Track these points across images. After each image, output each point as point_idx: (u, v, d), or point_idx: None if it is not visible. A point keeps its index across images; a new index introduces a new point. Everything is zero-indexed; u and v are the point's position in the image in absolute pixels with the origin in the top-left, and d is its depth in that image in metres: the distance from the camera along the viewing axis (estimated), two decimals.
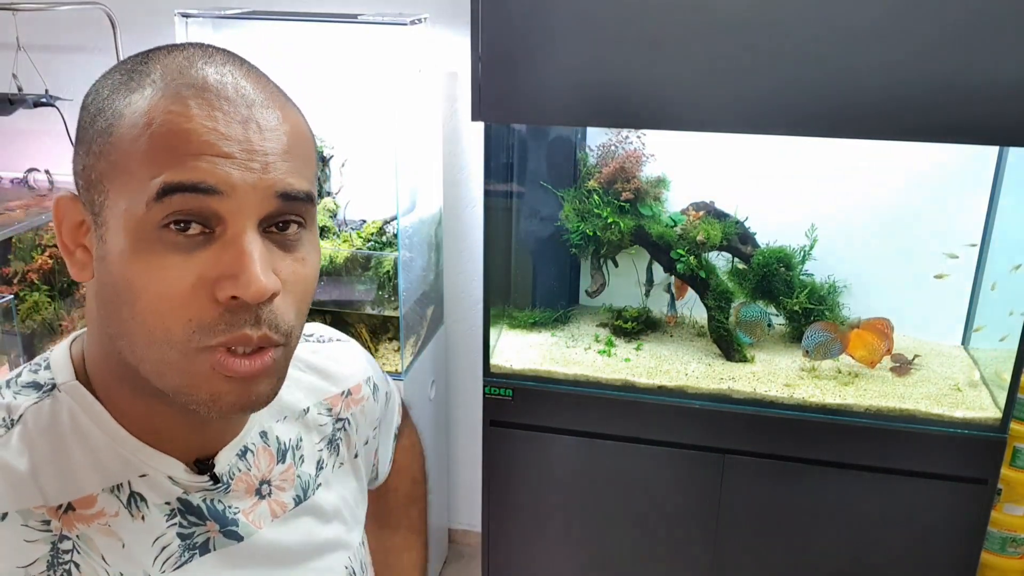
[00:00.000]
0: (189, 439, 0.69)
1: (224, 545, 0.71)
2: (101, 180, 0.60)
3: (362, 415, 0.88)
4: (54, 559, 0.62)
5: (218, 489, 0.71)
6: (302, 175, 0.63)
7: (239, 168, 0.59)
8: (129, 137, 0.59)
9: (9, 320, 1.91)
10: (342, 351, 0.89)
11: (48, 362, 0.69)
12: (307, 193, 0.63)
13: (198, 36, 2.14)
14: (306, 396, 0.82)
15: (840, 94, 1.66)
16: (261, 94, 0.63)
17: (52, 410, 0.66)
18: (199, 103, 0.59)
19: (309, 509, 0.79)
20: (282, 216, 0.62)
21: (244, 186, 0.59)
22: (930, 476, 1.88)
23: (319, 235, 2.36)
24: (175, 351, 0.60)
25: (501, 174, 2.13)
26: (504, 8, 1.73)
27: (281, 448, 0.78)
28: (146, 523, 0.67)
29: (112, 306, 0.61)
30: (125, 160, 0.59)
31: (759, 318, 2.07)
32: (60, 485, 0.64)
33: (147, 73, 0.61)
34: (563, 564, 2.16)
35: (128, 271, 0.59)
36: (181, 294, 0.58)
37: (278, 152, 0.61)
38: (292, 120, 0.64)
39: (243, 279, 0.58)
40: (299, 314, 0.64)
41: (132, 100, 0.60)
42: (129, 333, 0.61)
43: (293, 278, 0.63)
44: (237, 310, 0.59)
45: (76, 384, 0.67)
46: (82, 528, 0.64)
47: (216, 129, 0.58)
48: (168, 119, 0.58)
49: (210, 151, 0.58)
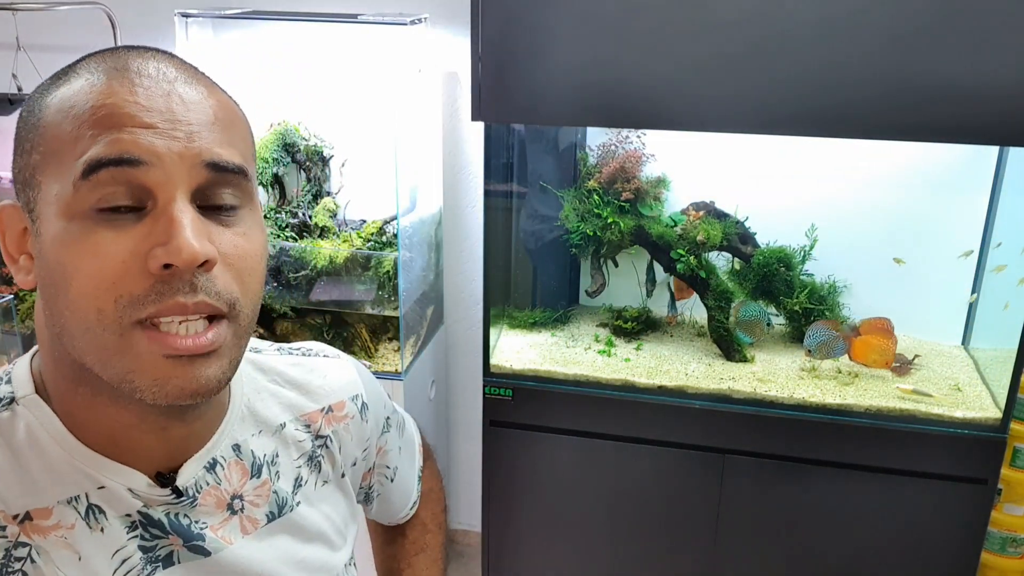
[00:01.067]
0: (152, 450, 0.67)
1: (189, 559, 0.69)
2: (34, 174, 0.61)
3: (347, 433, 0.84)
4: (3, 567, 0.61)
5: (182, 503, 0.69)
6: (233, 147, 0.62)
7: (163, 137, 0.58)
8: (55, 123, 0.59)
9: (9, 320, 1.91)
10: (327, 366, 0.86)
11: (9, 376, 0.68)
12: (238, 166, 0.62)
13: (198, 36, 2.14)
14: (283, 411, 0.79)
15: (840, 94, 1.66)
16: (183, 74, 0.63)
17: (10, 423, 0.65)
18: (120, 81, 0.59)
19: (286, 526, 0.77)
20: (214, 188, 0.61)
21: (170, 155, 0.58)
22: (930, 476, 1.88)
23: (321, 235, 2.35)
24: (109, 332, 0.58)
25: (501, 174, 2.13)
26: (504, 8, 1.73)
27: (256, 462, 0.75)
28: (106, 535, 0.65)
29: (50, 298, 0.61)
30: (53, 146, 0.59)
31: (758, 317, 2.07)
32: (18, 495, 0.63)
33: (73, 70, 0.62)
34: (563, 564, 2.16)
35: (60, 254, 0.58)
36: (113, 271, 0.57)
37: (203, 123, 0.60)
38: (218, 97, 0.64)
39: (174, 245, 0.57)
40: (246, 291, 0.63)
41: (58, 92, 0.61)
42: (67, 325, 0.60)
43: (235, 252, 0.62)
44: (170, 279, 0.58)
45: (35, 398, 0.66)
46: (38, 540, 0.63)
47: (137, 102, 0.58)
48: (90, 98, 0.59)
49: (131, 123, 0.58)
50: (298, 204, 2.25)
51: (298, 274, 2.17)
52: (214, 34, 2.18)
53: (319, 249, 2.17)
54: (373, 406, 0.89)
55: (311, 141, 2.25)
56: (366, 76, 2.13)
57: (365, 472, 0.91)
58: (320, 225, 2.22)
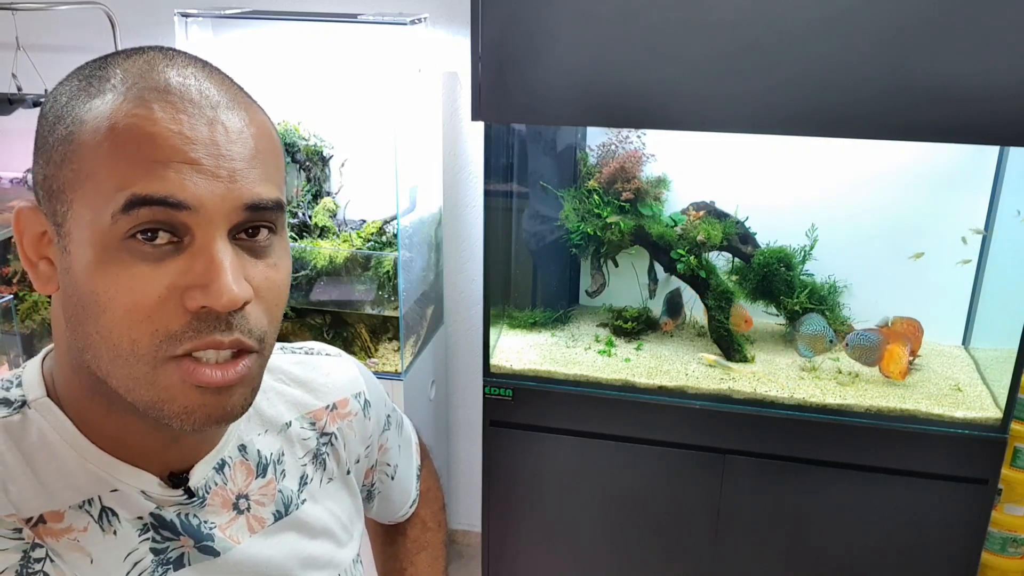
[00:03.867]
0: (164, 453, 0.67)
1: (199, 560, 0.69)
2: (63, 190, 0.59)
3: (350, 430, 0.85)
4: (23, 568, 0.61)
5: (193, 503, 0.69)
6: (271, 181, 0.61)
7: (206, 177, 0.57)
8: (91, 143, 0.57)
9: (9, 320, 1.91)
10: (330, 364, 0.87)
11: (20, 379, 0.68)
12: (276, 201, 0.61)
13: (198, 36, 2.14)
14: (288, 410, 0.80)
15: (840, 94, 1.66)
16: (226, 96, 0.61)
17: (21, 426, 0.65)
18: (163, 106, 0.57)
19: (292, 524, 0.77)
20: (251, 224, 0.61)
21: (212, 198, 0.57)
22: (930, 476, 1.88)
23: (321, 235, 2.34)
24: (143, 364, 0.58)
25: (501, 174, 2.13)
26: (504, 8, 1.73)
27: (261, 462, 0.76)
28: (118, 538, 0.65)
29: (77, 320, 0.60)
30: (88, 168, 0.57)
31: (822, 332, 2.00)
32: (30, 498, 0.63)
33: (107, 78, 0.59)
34: (563, 564, 2.16)
35: (94, 283, 0.57)
36: (149, 305, 0.57)
37: (245, 158, 0.59)
38: (258, 122, 0.63)
39: (214, 288, 0.57)
40: (272, 320, 0.63)
41: (93, 105, 0.58)
42: (94, 347, 0.59)
43: (266, 284, 0.62)
44: (207, 317, 0.58)
45: (47, 401, 0.66)
46: (51, 543, 0.63)
47: (182, 132, 0.57)
48: (132, 123, 0.56)
49: (176, 157, 0.56)
50: (298, 204, 2.25)
51: (298, 274, 2.17)
52: (214, 34, 2.18)
53: (319, 249, 2.17)
54: (375, 404, 0.90)
55: (311, 141, 2.25)
56: (366, 76, 2.13)
57: (367, 469, 0.92)
58: (320, 225, 2.22)
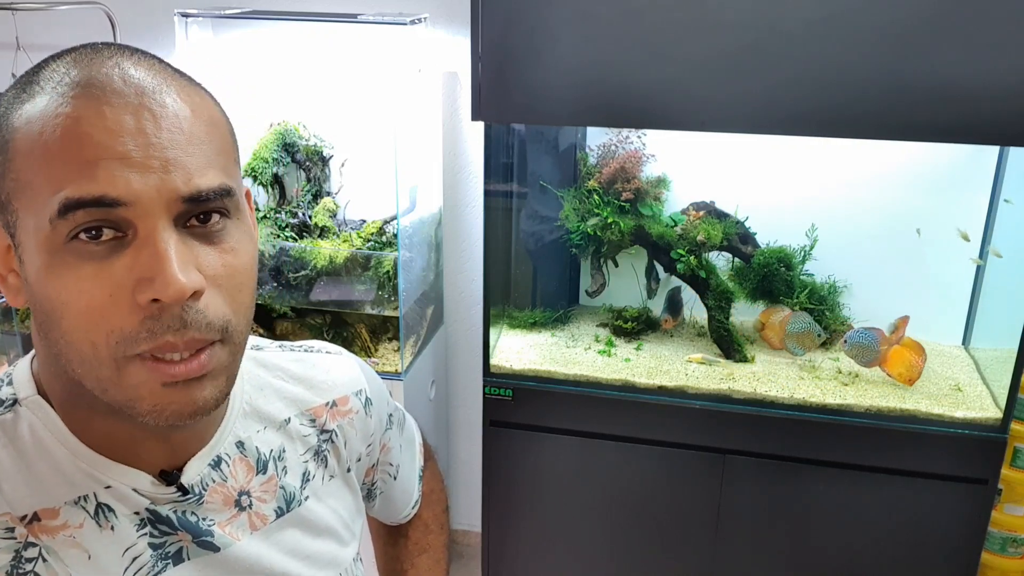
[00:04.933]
0: (154, 451, 0.67)
1: (199, 555, 0.69)
2: (10, 200, 0.58)
3: (351, 428, 0.85)
4: (14, 568, 0.61)
5: (188, 500, 0.69)
6: (212, 166, 0.59)
7: (137, 170, 0.55)
8: (24, 150, 0.56)
9: (9, 320, 1.91)
10: (330, 362, 0.86)
11: (11, 378, 0.68)
12: (219, 189, 0.59)
13: (198, 36, 2.14)
14: (286, 406, 0.80)
15: (840, 94, 1.66)
16: (153, 80, 0.58)
17: (13, 424, 0.65)
18: (86, 101, 0.56)
19: (295, 521, 0.77)
20: (196, 212, 0.59)
21: (147, 191, 0.55)
22: (930, 476, 1.88)
23: (321, 235, 2.33)
24: (105, 367, 0.58)
25: (501, 174, 2.13)
26: (504, 8, 1.73)
27: (261, 458, 0.75)
28: (115, 533, 0.65)
29: (45, 328, 0.60)
30: (25, 176, 0.56)
31: (808, 328, 2.01)
32: (24, 496, 0.63)
33: (36, 81, 0.58)
34: (563, 564, 2.16)
35: (47, 290, 0.57)
36: (101, 305, 0.56)
37: (180, 144, 0.57)
38: (193, 104, 0.60)
39: (160, 280, 0.55)
40: (238, 307, 0.61)
41: (24, 111, 0.57)
42: (64, 353, 0.59)
43: (224, 271, 0.60)
44: (159, 315, 0.57)
45: (38, 399, 0.65)
46: (47, 540, 0.63)
47: (106, 126, 0.55)
48: (57, 123, 0.55)
49: (104, 153, 0.55)
50: (298, 204, 2.24)
51: (298, 274, 2.17)
52: (214, 34, 2.18)
53: (319, 249, 2.17)
54: (377, 402, 0.89)
55: (311, 141, 2.25)
56: (366, 76, 2.13)
57: (368, 468, 0.91)
58: (320, 225, 2.21)
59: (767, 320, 2.10)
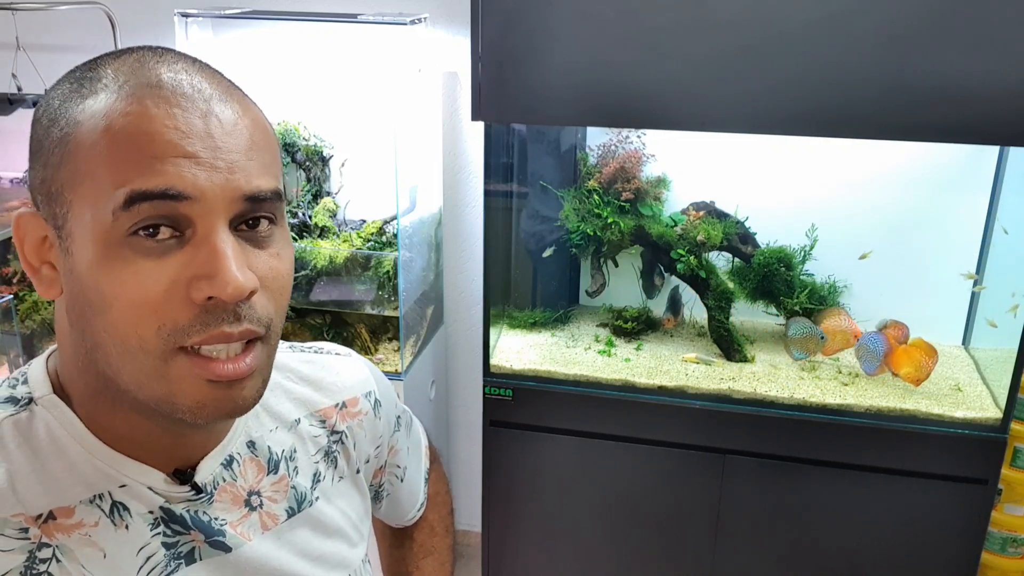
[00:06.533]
0: (169, 449, 0.68)
1: (211, 555, 0.69)
2: (62, 191, 0.59)
3: (360, 430, 0.85)
4: (28, 569, 0.61)
5: (201, 499, 0.69)
6: (268, 172, 0.62)
7: (205, 169, 0.57)
8: (88, 143, 0.57)
9: (9, 320, 1.91)
10: (340, 363, 0.87)
11: (26, 377, 0.68)
12: (274, 191, 0.62)
13: (198, 36, 2.14)
14: (295, 407, 0.80)
15: (840, 94, 1.66)
16: (217, 89, 0.61)
17: (29, 423, 0.65)
18: (156, 101, 0.58)
19: (306, 521, 0.77)
20: (251, 215, 0.61)
21: (212, 188, 0.57)
22: (930, 476, 1.88)
23: (321, 235, 2.34)
24: (151, 358, 0.58)
25: (501, 174, 2.13)
26: (504, 8, 1.73)
27: (272, 458, 0.76)
28: (130, 532, 0.65)
29: (84, 319, 0.60)
30: (86, 167, 0.57)
31: (810, 332, 2.01)
32: (39, 495, 0.63)
33: (98, 78, 0.59)
34: (563, 564, 2.16)
35: (99, 281, 0.58)
36: (155, 300, 0.57)
37: (242, 149, 0.60)
38: (252, 114, 0.63)
39: (219, 279, 0.57)
40: (278, 309, 0.63)
41: (86, 106, 0.58)
42: (103, 345, 0.59)
43: (271, 274, 0.62)
44: (214, 309, 0.58)
45: (53, 397, 0.66)
46: (62, 538, 0.63)
47: (177, 127, 0.57)
48: (127, 121, 0.57)
49: (174, 152, 0.57)
50: (298, 204, 2.25)
51: (298, 274, 2.17)
52: (214, 34, 2.18)
53: (319, 249, 2.17)
54: (386, 404, 0.90)
55: (311, 141, 2.25)
56: (366, 76, 2.13)
57: (376, 470, 0.92)
58: (320, 225, 2.21)
59: (829, 326, 2.02)
